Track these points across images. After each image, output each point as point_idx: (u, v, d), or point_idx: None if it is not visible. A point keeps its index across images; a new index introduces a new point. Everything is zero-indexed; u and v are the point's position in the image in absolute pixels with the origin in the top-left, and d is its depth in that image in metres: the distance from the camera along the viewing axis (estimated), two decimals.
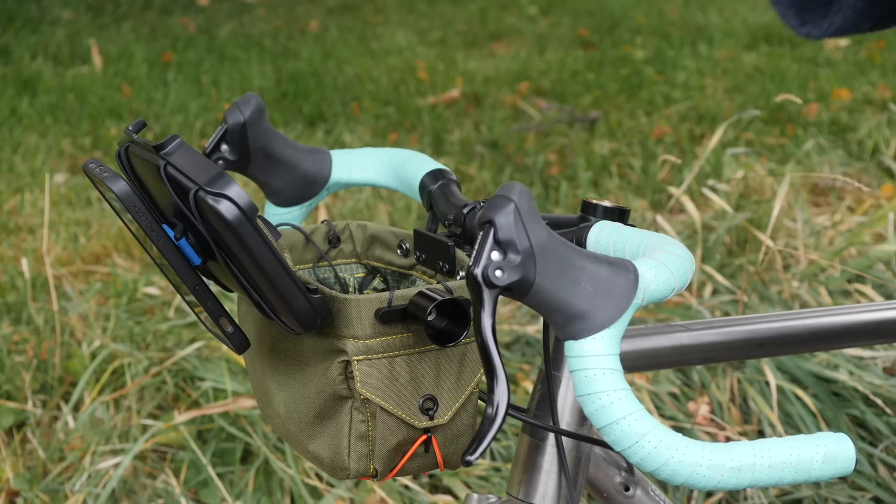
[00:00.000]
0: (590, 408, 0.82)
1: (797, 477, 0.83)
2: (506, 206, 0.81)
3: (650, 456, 0.82)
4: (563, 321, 0.83)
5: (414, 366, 0.97)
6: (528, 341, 2.71)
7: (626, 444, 0.82)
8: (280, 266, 0.89)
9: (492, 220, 0.81)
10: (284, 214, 1.20)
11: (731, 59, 6.16)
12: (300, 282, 0.91)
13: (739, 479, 0.82)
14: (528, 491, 1.06)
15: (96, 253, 3.54)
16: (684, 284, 0.87)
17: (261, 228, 0.87)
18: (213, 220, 0.88)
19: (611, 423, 0.82)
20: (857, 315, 1.23)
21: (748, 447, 0.82)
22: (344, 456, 0.98)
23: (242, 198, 0.86)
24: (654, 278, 0.85)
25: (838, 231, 3.22)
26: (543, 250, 0.82)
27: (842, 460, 0.83)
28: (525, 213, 0.81)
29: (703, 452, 0.82)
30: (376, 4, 8.09)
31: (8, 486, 2.35)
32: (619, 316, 0.83)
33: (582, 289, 0.83)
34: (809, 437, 0.83)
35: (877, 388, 2.48)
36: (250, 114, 1.12)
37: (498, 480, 2.29)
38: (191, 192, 0.87)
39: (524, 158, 4.49)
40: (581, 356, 0.82)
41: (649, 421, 0.82)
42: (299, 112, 5.29)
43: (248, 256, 0.88)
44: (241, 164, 1.13)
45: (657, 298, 0.86)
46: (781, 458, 0.82)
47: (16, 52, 6.28)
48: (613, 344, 0.83)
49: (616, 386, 0.82)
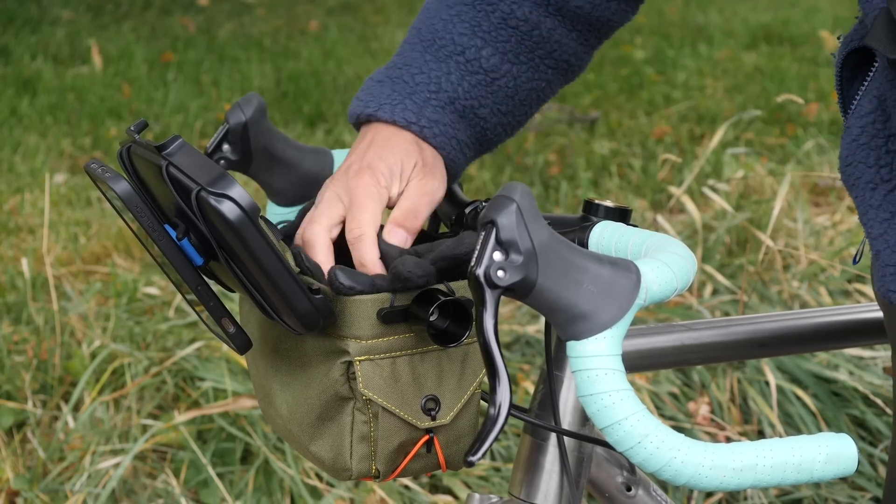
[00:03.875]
0: (592, 408, 0.82)
1: (799, 477, 0.82)
2: (508, 207, 0.81)
3: (652, 457, 0.81)
4: (566, 322, 0.83)
5: (416, 366, 0.97)
6: (529, 341, 2.71)
7: (629, 445, 0.82)
8: (282, 266, 0.89)
9: (494, 220, 0.81)
10: (286, 214, 1.20)
11: (731, 59, 6.16)
12: (302, 282, 0.91)
13: (742, 480, 0.82)
14: (529, 491, 1.06)
15: (96, 253, 3.54)
16: (686, 285, 0.87)
17: (263, 229, 0.87)
18: (215, 220, 0.87)
19: (613, 424, 0.82)
20: (856, 315, 1.24)
21: (750, 448, 0.82)
22: (346, 457, 0.98)
23: (245, 198, 0.86)
24: (656, 278, 0.85)
25: (838, 231, 3.22)
26: (545, 251, 0.82)
27: (844, 461, 0.83)
28: (527, 214, 0.81)
29: (705, 453, 0.81)
30: (376, 4, 8.09)
31: (8, 486, 2.35)
32: (622, 316, 0.83)
33: (584, 289, 0.82)
34: (811, 438, 0.83)
35: (877, 388, 2.48)
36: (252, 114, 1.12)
37: (498, 480, 2.29)
38: (193, 192, 0.87)
39: (524, 158, 4.49)
40: (583, 356, 0.82)
41: (651, 422, 0.82)
42: (299, 112, 5.29)
43: (249, 257, 0.88)
44: (242, 163, 1.13)
45: (659, 299, 0.85)
46: (784, 458, 0.82)
47: (16, 52, 6.27)
48: (616, 344, 0.83)
49: (618, 386, 0.82)
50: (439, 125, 1.07)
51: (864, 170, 0.96)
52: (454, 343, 0.93)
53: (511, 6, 1.10)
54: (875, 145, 0.96)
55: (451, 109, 1.08)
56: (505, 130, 1.14)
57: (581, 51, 1.15)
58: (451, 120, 1.08)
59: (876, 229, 0.95)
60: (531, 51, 1.12)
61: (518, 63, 1.11)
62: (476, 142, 1.12)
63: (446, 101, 1.08)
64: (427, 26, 1.11)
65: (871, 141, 0.96)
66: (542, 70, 1.13)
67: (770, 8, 7.66)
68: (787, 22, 7.08)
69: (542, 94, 1.16)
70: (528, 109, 1.15)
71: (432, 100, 1.08)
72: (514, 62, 1.11)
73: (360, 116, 1.09)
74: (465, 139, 1.10)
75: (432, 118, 1.07)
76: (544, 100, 1.17)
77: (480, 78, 1.10)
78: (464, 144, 1.10)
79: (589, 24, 1.13)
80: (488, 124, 1.11)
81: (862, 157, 0.97)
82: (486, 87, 1.10)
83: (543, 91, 1.15)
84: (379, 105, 1.07)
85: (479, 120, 1.10)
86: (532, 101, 1.15)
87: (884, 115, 0.96)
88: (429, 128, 1.07)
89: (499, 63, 1.10)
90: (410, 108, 1.07)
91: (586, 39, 1.15)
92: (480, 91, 1.10)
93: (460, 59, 1.09)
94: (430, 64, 1.09)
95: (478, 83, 1.09)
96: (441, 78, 1.09)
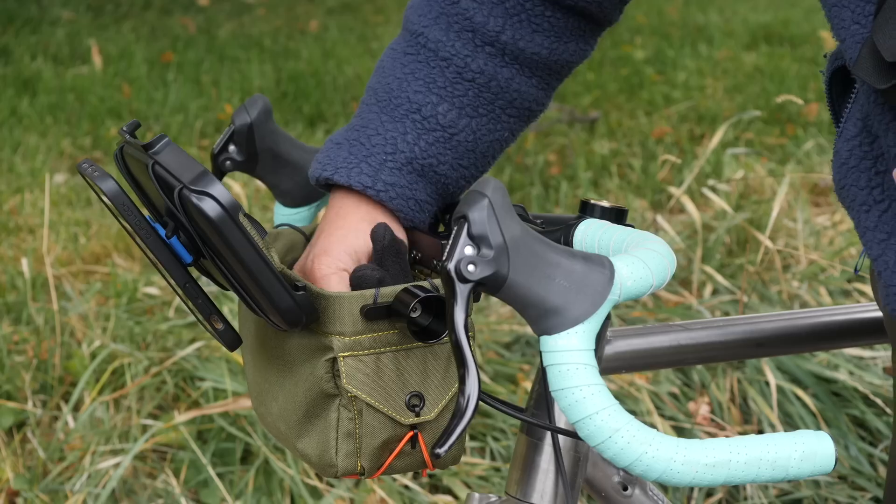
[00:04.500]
0: (563, 402, 0.83)
1: (775, 475, 0.82)
2: (479, 202, 0.81)
3: (623, 451, 0.82)
4: (537, 316, 0.84)
5: (400, 362, 0.98)
6: (528, 341, 2.71)
7: (600, 440, 0.82)
8: (263, 263, 0.90)
9: (465, 215, 0.82)
10: (293, 215, 1.21)
11: (731, 59, 6.16)
12: (284, 279, 0.92)
13: (715, 476, 0.82)
14: (526, 490, 1.07)
15: (96, 253, 3.55)
16: (663, 282, 0.87)
17: (244, 226, 0.88)
18: (196, 217, 0.89)
19: (584, 419, 0.82)
20: (856, 315, 1.24)
21: (724, 444, 0.82)
22: (331, 453, 0.99)
23: (225, 196, 0.87)
24: (630, 274, 0.85)
25: (838, 231, 3.22)
26: (517, 245, 0.82)
27: (821, 458, 0.82)
28: (499, 209, 0.82)
29: (677, 449, 0.81)
30: (376, 4, 8.09)
31: (8, 486, 2.35)
32: (594, 311, 0.83)
33: (556, 284, 0.83)
34: (788, 435, 0.83)
35: (877, 388, 2.48)
36: (257, 115, 1.13)
37: (498, 480, 2.29)
38: (175, 190, 0.88)
39: (524, 158, 4.49)
40: (554, 351, 0.83)
41: (623, 416, 0.82)
42: (299, 112, 5.29)
43: (231, 253, 0.89)
44: (248, 164, 1.14)
45: (634, 295, 0.86)
46: (758, 455, 0.82)
47: (16, 52, 6.28)
48: (588, 339, 0.83)
49: (589, 381, 0.82)
50: (395, 188, 1.06)
51: (856, 192, 0.96)
52: (435, 339, 0.94)
53: (465, 59, 1.08)
54: (864, 167, 0.96)
55: (409, 170, 1.07)
56: (468, 182, 1.13)
57: (542, 95, 1.14)
58: (409, 181, 1.07)
59: (875, 251, 0.95)
60: (490, 102, 1.10)
61: (477, 116, 1.10)
62: (438, 197, 1.11)
63: (403, 161, 1.07)
64: (382, 86, 1.11)
65: (860, 164, 0.96)
66: (504, 120, 1.12)
67: (770, 8, 7.66)
68: (787, 22, 7.08)
69: (505, 143, 1.14)
70: (490, 159, 1.14)
71: (388, 161, 1.07)
72: (472, 115, 1.09)
73: (319, 179, 1.09)
74: (425, 198, 1.09)
75: (388, 181, 1.06)
76: (506, 146, 1.15)
77: (438, 135, 1.08)
78: (423, 203, 1.09)
79: (548, 68, 1.12)
80: (449, 180, 1.10)
81: (853, 181, 0.97)
82: (444, 144, 1.09)
83: (506, 140, 1.14)
84: (335, 169, 1.07)
85: (440, 177, 1.09)
86: (494, 150, 1.13)
87: (869, 137, 0.95)
88: (384, 191, 1.06)
89: (456, 118, 1.09)
90: (366, 172, 1.06)
91: (546, 83, 1.14)
92: (439, 148, 1.09)
93: (416, 118, 1.08)
94: (387, 124, 1.08)
95: (436, 140, 1.08)
96: (397, 138, 1.08)
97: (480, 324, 2.74)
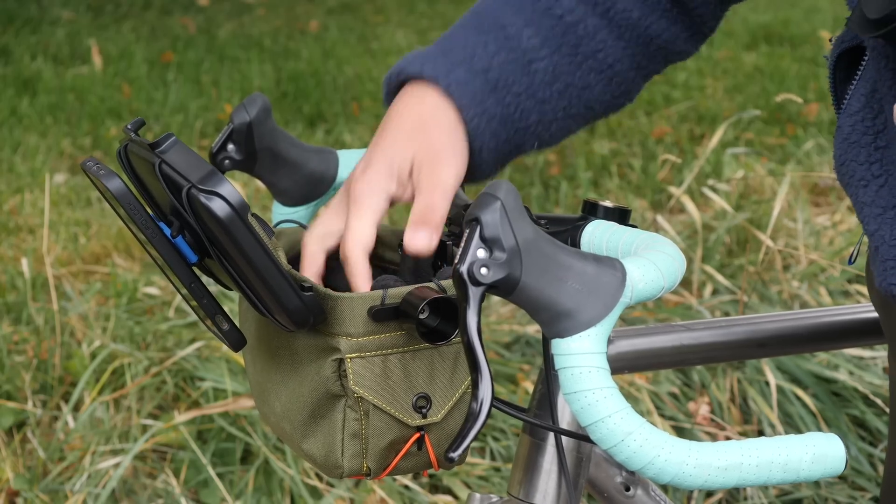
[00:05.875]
0: (576, 406, 0.82)
1: (786, 477, 0.82)
2: (492, 204, 0.81)
3: (636, 454, 0.81)
4: (550, 319, 0.83)
5: (407, 364, 0.97)
6: (528, 341, 2.71)
7: (612, 443, 0.82)
8: (272, 264, 0.89)
9: (478, 217, 0.81)
10: (291, 214, 1.21)
11: (731, 59, 6.16)
12: (292, 279, 0.91)
13: (726, 479, 0.82)
14: (528, 491, 1.07)
15: (96, 253, 3.54)
16: (674, 284, 0.87)
17: (252, 226, 0.88)
18: (205, 217, 0.88)
19: (596, 422, 0.82)
20: (856, 315, 1.24)
21: (736, 447, 0.82)
22: (337, 454, 0.98)
23: (234, 196, 0.87)
24: (641, 277, 0.85)
25: (838, 231, 3.22)
26: (529, 248, 0.82)
27: (831, 461, 0.82)
28: (511, 211, 0.81)
29: (689, 452, 0.81)
30: (376, 4, 8.09)
31: (8, 486, 2.35)
32: (606, 314, 0.83)
33: (568, 287, 0.83)
34: (799, 438, 0.82)
35: (877, 388, 2.48)
36: (256, 113, 1.12)
37: (498, 480, 2.29)
38: (183, 189, 0.88)
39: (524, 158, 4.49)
40: (567, 354, 0.82)
41: (635, 419, 0.82)
42: (299, 112, 5.29)
43: (239, 254, 0.88)
44: (247, 163, 1.14)
45: (645, 297, 0.85)
46: (769, 458, 0.82)
47: (16, 52, 6.28)
48: (600, 342, 0.83)
49: (602, 384, 0.82)
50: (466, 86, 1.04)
51: (855, 167, 0.97)
52: (444, 341, 0.94)
53: None
54: (865, 143, 0.97)
55: (483, 80, 1.05)
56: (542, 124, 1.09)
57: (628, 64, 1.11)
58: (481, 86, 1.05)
59: (872, 225, 0.96)
60: (574, 45, 1.08)
61: (559, 54, 1.08)
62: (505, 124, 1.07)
63: (479, 69, 1.05)
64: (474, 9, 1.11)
65: (861, 139, 0.97)
66: (584, 70, 1.09)
67: (770, 8, 7.66)
68: (787, 22, 7.08)
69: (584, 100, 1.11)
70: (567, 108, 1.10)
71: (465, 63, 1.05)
72: (554, 50, 1.08)
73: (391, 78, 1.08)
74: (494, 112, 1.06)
75: (461, 80, 1.05)
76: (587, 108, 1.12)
77: (518, 55, 1.07)
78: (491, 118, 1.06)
79: (637, 36, 1.10)
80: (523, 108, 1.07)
81: (853, 156, 0.98)
82: (522, 68, 1.07)
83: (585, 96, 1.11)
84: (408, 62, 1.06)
85: (514, 97, 1.07)
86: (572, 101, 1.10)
87: (872, 113, 0.96)
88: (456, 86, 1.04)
89: (539, 45, 1.07)
90: (441, 65, 1.05)
91: (634, 54, 1.11)
92: (515, 68, 1.07)
93: (500, 35, 1.07)
94: (470, 36, 1.08)
95: (514, 60, 1.07)
96: (477, 46, 1.06)
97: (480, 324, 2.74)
